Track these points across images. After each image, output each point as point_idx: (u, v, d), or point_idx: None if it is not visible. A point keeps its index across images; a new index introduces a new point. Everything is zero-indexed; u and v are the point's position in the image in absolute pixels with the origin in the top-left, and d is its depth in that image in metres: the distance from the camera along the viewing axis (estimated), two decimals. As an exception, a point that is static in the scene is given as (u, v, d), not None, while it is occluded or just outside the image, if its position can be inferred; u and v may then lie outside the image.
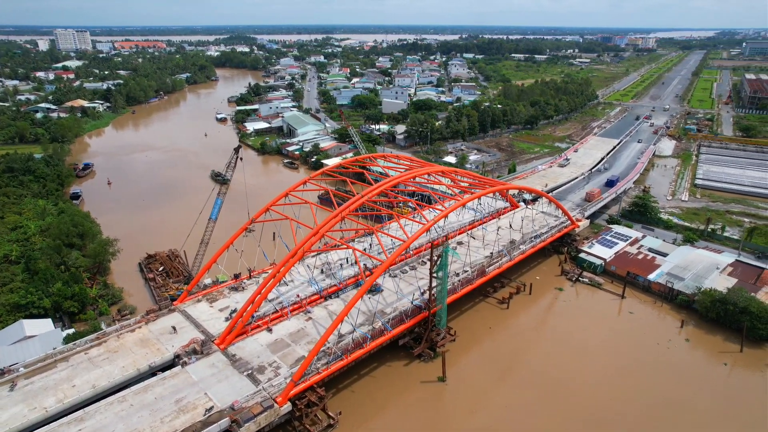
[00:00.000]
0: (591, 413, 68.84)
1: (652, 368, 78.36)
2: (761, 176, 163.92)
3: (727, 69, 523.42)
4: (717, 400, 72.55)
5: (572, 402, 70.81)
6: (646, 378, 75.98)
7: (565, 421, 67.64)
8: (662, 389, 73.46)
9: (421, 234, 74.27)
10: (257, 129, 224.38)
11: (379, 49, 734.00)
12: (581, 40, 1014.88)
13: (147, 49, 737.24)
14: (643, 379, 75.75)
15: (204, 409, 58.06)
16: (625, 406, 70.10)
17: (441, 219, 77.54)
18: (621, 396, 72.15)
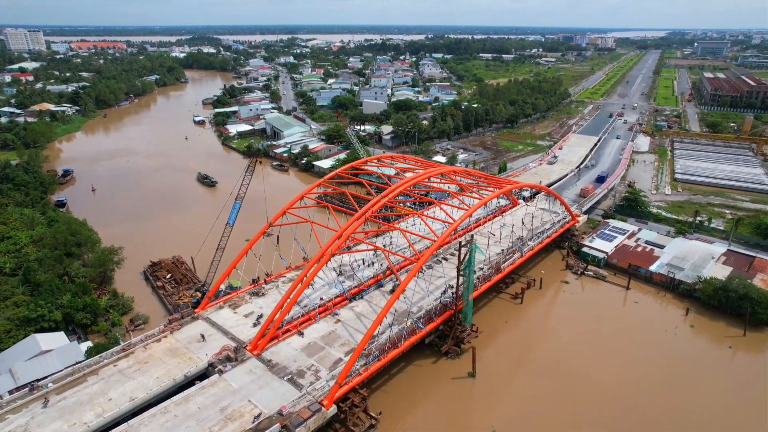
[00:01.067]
0: (613, 398, 72.13)
1: (663, 353, 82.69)
2: (733, 170, 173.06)
3: (683, 68, 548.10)
4: (724, 379, 77.11)
5: (594, 388, 73.89)
6: (659, 362, 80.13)
7: (591, 407, 70.47)
8: (674, 371, 77.92)
9: (452, 230, 75.43)
10: (240, 131, 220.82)
11: (347, 49, 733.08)
12: (544, 39, 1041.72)
13: (107, 50, 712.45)
14: (655, 363, 79.83)
15: (252, 416, 57.56)
16: (643, 390, 73.77)
17: (467, 217, 78.76)
18: (638, 380, 75.76)
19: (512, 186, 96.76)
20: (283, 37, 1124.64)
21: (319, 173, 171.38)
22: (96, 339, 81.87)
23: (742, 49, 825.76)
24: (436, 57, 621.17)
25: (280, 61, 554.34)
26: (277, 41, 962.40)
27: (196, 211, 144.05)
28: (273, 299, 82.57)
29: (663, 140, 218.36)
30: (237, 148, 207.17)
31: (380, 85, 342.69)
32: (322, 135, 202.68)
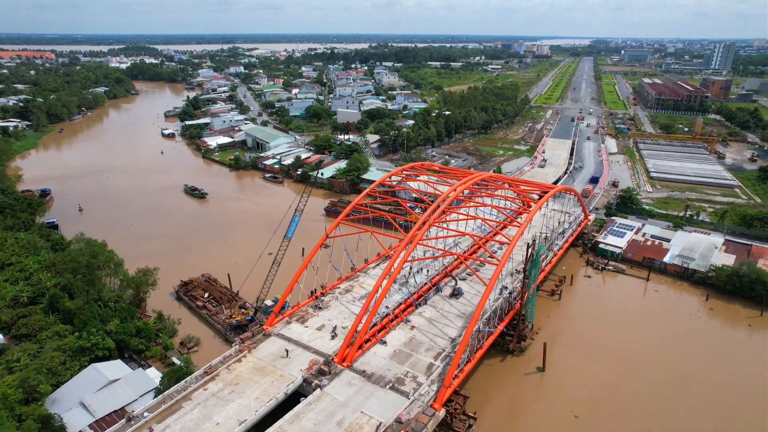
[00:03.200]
0: (665, 375, 79.27)
1: (693, 333, 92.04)
2: (698, 167, 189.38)
3: (618, 74, 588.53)
4: (747, 352, 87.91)
5: (647, 369, 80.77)
6: (692, 340, 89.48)
7: (650, 386, 76.85)
8: (705, 347, 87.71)
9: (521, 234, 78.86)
10: (220, 144, 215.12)
11: (294, 59, 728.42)
12: (482, 47, 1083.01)
13: (34, 60, 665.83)
14: (689, 341, 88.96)
15: (372, 427, 57.96)
16: (685, 365, 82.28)
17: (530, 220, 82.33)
18: (680, 357, 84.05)
19: (555, 189, 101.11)
20: (224, 46, 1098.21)
21: (317, 184, 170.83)
22: (153, 364, 78.53)
23: (661, 56, 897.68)
24: (386, 65, 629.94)
25: (230, 71, 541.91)
26: (218, 51, 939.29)
27: (199, 225, 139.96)
28: (338, 311, 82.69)
29: (627, 141, 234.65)
30: (221, 161, 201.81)
31: (344, 94, 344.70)
32: (310, 145, 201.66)
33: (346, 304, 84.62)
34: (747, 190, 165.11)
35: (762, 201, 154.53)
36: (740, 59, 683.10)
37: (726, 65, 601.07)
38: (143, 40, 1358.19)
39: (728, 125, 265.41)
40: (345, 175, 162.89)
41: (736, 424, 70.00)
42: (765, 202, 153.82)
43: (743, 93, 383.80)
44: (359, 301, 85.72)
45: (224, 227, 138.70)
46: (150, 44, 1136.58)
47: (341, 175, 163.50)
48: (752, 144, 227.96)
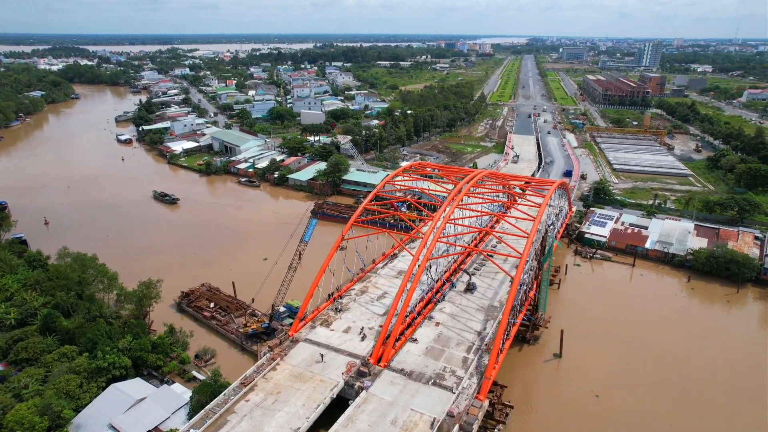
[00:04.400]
0: (666, 351, 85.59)
1: (681, 311, 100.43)
2: (653, 158, 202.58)
3: (560, 71, 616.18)
4: (728, 323, 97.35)
5: (650, 347, 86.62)
6: (681, 318, 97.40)
7: (655, 362, 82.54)
8: (693, 323, 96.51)
9: (536, 227, 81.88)
10: (186, 149, 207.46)
11: (240, 59, 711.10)
12: (426, 46, 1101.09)
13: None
14: (679, 319, 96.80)
15: (427, 424, 58.98)
16: (681, 339, 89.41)
17: (542, 214, 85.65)
18: (675, 333, 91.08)
19: (556, 184, 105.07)
20: (162, 47, 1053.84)
21: (296, 186, 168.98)
22: (174, 379, 75.65)
23: (596, 54, 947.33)
24: (336, 65, 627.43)
25: (175, 73, 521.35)
26: (156, 52, 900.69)
27: (181, 234, 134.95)
28: (359, 312, 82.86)
29: (584, 136, 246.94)
30: (190, 167, 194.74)
31: (302, 95, 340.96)
32: (283, 147, 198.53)
33: (366, 305, 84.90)
34: (700, 178, 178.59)
35: (715, 188, 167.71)
36: (666, 57, 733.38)
37: (655, 63, 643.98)
38: (68, 40, 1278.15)
39: (670, 119, 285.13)
40: (326, 176, 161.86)
41: (735, 389, 76.45)
42: (718, 188, 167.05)
43: (675, 89, 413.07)
44: (378, 301, 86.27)
45: (211, 234, 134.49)
46: (77, 44, 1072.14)
47: (322, 177, 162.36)
48: (694, 136, 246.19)
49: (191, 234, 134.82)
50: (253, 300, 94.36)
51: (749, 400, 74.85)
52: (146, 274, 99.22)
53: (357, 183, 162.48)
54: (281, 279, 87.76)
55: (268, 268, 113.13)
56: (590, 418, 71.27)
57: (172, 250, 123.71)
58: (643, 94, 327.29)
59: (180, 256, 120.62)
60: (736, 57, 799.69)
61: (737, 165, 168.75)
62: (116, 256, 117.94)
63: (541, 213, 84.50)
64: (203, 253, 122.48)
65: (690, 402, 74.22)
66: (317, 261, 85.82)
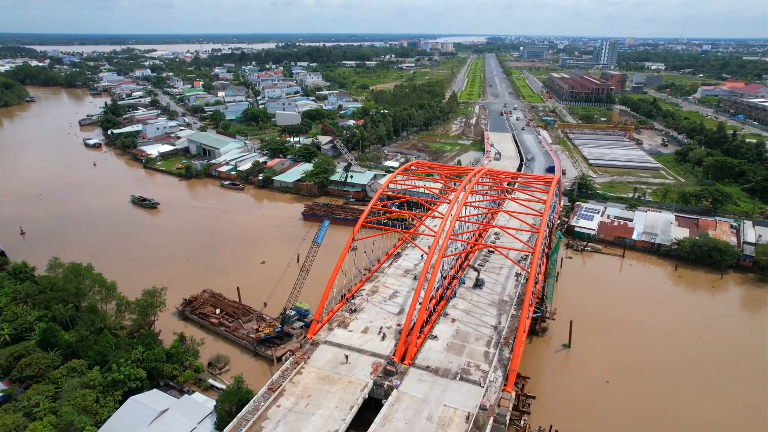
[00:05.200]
0: (666, 334, 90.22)
1: (671, 298, 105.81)
2: (625, 153, 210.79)
3: (523, 69, 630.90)
4: (714, 305, 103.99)
5: (648, 333, 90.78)
6: (672, 304, 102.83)
7: (658, 347, 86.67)
8: (684, 308, 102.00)
9: (545, 222, 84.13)
10: (162, 152, 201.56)
11: (201, 60, 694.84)
12: (388, 45, 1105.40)
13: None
14: (671, 305, 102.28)
15: (462, 417, 60.02)
16: (677, 322, 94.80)
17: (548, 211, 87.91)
18: (670, 318, 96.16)
19: (556, 179, 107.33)
20: (116, 48, 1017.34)
21: (281, 188, 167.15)
22: (191, 388, 73.96)
23: (555, 53, 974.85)
24: (302, 65, 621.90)
25: (136, 74, 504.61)
26: (111, 53, 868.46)
27: (170, 240, 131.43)
28: (374, 312, 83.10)
29: (556, 132, 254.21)
30: (168, 171, 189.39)
31: (274, 96, 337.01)
32: (263, 149, 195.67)
33: (379, 305, 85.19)
34: (671, 171, 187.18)
35: (685, 180, 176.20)
36: (621, 55, 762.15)
37: (612, 61, 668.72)
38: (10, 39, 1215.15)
39: (634, 115, 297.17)
40: (314, 177, 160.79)
41: (732, 367, 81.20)
42: (688, 180, 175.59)
43: (635, 86, 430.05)
44: (390, 300, 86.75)
45: (202, 239, 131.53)
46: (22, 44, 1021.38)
47: (310, 178, 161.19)
48: (659, 131, 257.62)
49: (181, 240, 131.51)
50: (266, 304, 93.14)
51: (747, 376, 79.91)
52: (140, 282, 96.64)
53: (345, 183, 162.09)
54: (285, 282, 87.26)
55: (267, 271, 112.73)
56: (603, 403, 74.25)
57: (164, 257, 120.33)
58: (608, 91, 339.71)
59: (173, 262, 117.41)
60: (684, 55, 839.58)
61: (705, 158, 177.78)
62: (105, 265, 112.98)
63: (548, 208, 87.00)
64: (197, 258, 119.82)
65: (693, 381, 78.55)
66: (317, 263, 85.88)
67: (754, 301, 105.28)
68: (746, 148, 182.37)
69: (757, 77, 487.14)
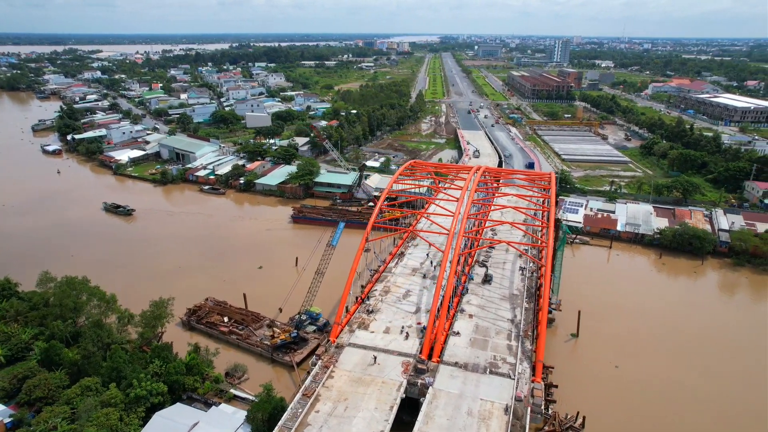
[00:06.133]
0: (663, 318, 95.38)
1: (659, 284, 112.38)
2: (593, 148, 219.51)
3: (481, 68, 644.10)
4: (696, 288, 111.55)
5: (647, 319, 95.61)
6: (663, 289, 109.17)
7: (660, 331, 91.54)
8: (674, 293, 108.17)
9: (554, 217, 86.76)
10: (133, 158, 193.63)
11: (154, 61, 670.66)
12: (343, 44, 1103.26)
13: None
14: (661, 290, 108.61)
15: (500, 410, 61.49)
16: (668, 304, 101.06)
17: (554, 204, 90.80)
18: (665, 301, 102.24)
19: (552, 175, 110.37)
20: (56, 48, 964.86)
21: (264, 191, 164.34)
22: (214, 400, 72.04)
23: (508, 51, 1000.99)
24: (260, 66, 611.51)
25: (85, 76, 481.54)
26: (52, 53, 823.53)
27: (154, 249, 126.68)
28: (392, 312, 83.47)
29: (524, 129, 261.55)
30: (141, 176, 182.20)
31: (238, 98, 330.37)
32: (241, 152, 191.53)
33: (395, 305, 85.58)
34: (638, 164, 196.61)
35: (653, 172, 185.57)
36: (573, 54, 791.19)
37: (565, 59, 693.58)
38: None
39: (595, 111, 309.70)
40: (298, 179, 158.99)
41: (729, 346, 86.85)
42: (655, 173, 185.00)
43: (590, 83, 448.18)
44: (405, 300, 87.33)
45: (191, 246, 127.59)
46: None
47: (295, 180, 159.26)
48: (621, 126, 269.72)
49: (169, 248, 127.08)
50: (281, 310, 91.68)
51: (738, 350, 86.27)
52: (136, 293, 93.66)
53: (330, 184, 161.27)
54: (287, 286, 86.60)
55: (266, 276, 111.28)
56: (614, 386, 77.96)
57: (154, 266, 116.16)
58: (568, 88, 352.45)
59: (164, 272, 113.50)
60: (628, 54, 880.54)
61: (669, 151, 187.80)
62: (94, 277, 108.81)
63: (553, 203, 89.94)
64: (190, 266, 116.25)
65: (693, 359, 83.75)
66: (311, 265, 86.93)
67: (734, 284, 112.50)
68: (705, 141, 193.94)
69: (697, 74, 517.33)
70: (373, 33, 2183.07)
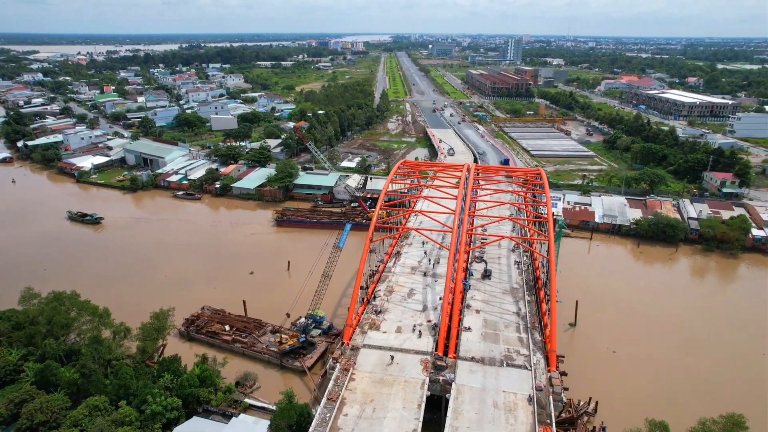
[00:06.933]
0: (650, 308, 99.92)
1: (640, 270, 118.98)
2: (559, 143, 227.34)
3: (438, 67, 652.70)
4: (673, 273, 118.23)
5: (636, 305, 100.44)
6: (643, 276, 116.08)
7: (650, 316, 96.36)
8: (654, 278, 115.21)
9: (551, 212, 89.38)
10: (97, 165, 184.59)
11: (99, 63, 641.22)
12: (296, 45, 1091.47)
13: None
14: (642, 277, 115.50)
15: (523, 400, 63.15)
16: (654, 292, 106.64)
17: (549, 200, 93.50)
18: (648, 288, 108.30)
19: (542, 171, 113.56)
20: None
21: (241, 195, 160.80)
22: (227, 410, 70.26)
23: (461, 50, 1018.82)
24: (215, 67, 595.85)
25: (25, 79, 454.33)
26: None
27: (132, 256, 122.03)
28: (400, 311, 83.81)
29: (490, 126, 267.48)
30: (108, 184, 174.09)
31: (198, 100, 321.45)
32: (213, 155, 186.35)
33: (401, 304, 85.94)
34: (603, 158, 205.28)
35: (618, 166, 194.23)
36: (525, 52, 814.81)
37: (518, 57, 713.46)
38: None
39: (554, 107, 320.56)
40: (278, 182, 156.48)
41: (717, 325, 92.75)
42: (620, 166, 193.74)
43: (545, 80, 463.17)
44: (410, 299, 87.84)
45: (173, 254, 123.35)
46: None
47: (274, 183, 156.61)
48: (581, 121, 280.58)
49: (150, 256, 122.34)
50: (289, 315, 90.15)
51: (722, 327, 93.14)
52: (124, 305, 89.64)
53: (310, 186, 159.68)
54: (285, 290, 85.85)
55: (259, 281, 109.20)
56: (615, 370, 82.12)
57: (138, 276, 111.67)
58: (527, 86, 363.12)
59: (149, 281, 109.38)
60: (576, 52, 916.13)
61: (632, 145, 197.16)
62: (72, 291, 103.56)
63: (548, 198, 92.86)
64: (176, 275, 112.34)
65: (681, 340, 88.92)
66: (306, 267, 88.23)
67: (706, 268, 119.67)
68: (663, 135, 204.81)
69: (642, 71, 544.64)
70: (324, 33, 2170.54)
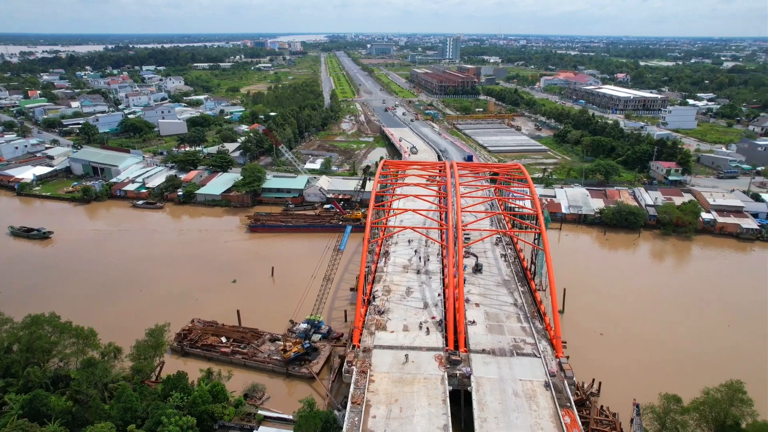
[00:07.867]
0: (626, 291, 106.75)
1: (608, 256, 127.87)
2: (512, 138, 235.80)
3: (380, 66, 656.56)
4: (639, 257, 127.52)
5: (612, 289, 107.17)
6: (613, 261, 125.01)
7: (627, 298, 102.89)
8: (622, 263, 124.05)
9: (539, 207, 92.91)
10: (39, 176, 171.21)
11: (13, 65, 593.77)
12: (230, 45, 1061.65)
13: None
14: (612, 262, 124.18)
15: (540, 386, 65.75)
16: (625, 276, 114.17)
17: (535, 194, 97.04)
18: (620, 271, 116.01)
19: (522, 167, 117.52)
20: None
21: (206, 202, 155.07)
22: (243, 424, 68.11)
23: (399, 49, 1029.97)
24: (149, 69, 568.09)
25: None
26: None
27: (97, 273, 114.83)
28: (402, 309, 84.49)
29: (443, 123, 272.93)
30: (56, 196, 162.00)
31: (140, 104, 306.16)
32: (170, 162, 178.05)
33: (402, 303, 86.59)
34: (556, 152, 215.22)
35: (571, 159, 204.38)
36: (463, 50, 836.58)
37: (456, 55, 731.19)
38: None
39: (501, 104, 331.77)
40: (246, 187, 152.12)
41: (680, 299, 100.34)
42: (573, 158, 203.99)
43: (487, 77, 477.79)
44: (409, 297, 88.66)
45: (143, 267, 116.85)
46: None
47: (242, 188, 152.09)
48: (528, 117, 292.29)
49: (122, 271, 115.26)
50: (292, 322, 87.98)
51: (687, 305, 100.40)
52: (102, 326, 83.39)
53: (279, 189, 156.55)
54: (271, 298, 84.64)
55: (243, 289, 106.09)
56: (603, 350, 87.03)
57: (111, 293, 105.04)
58: (472, 83, 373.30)
59: (124, 296, 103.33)
60: (509, 50, 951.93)
61: (582, 139, 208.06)
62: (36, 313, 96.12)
63: (534, 193, 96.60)
64: (155, 289, 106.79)
65: (658, 317, 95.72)
66: (290, 273, 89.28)
67: (666, 251, 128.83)
68: (609, 128, 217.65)
69: (574, 68, 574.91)
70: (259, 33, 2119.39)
